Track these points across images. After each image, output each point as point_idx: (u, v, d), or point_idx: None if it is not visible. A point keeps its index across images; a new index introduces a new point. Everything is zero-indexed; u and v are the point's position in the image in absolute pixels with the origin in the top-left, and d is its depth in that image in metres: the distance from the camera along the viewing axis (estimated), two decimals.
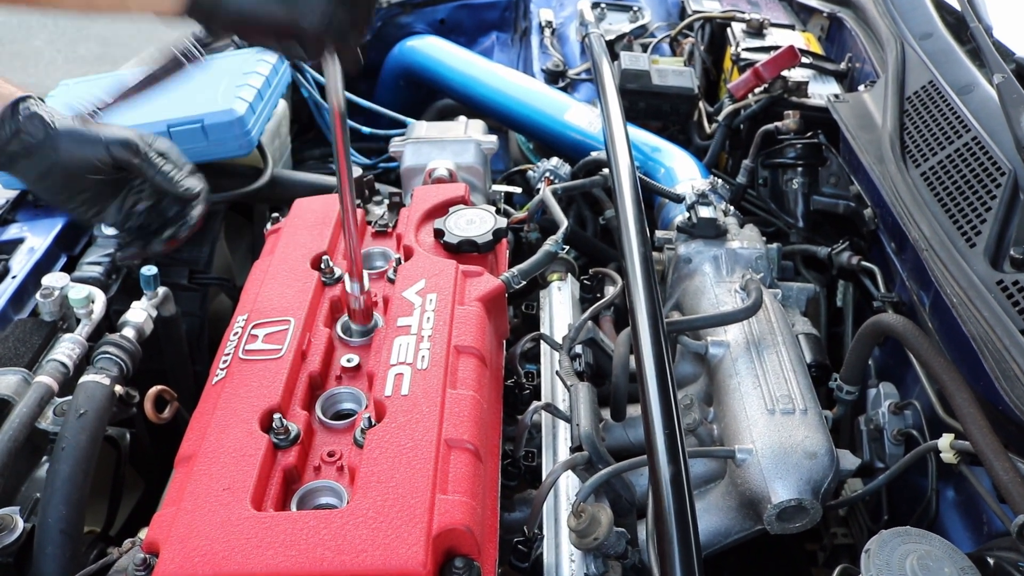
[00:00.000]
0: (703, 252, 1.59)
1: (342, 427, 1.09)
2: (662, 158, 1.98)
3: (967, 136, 1.57)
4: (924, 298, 1.47)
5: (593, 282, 1.61)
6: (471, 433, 1.03)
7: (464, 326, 1.18)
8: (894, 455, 1.43)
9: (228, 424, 1.04)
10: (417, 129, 1.83)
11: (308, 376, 1.14)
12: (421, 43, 2.67)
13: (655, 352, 1.05)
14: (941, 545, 1.00)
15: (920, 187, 1.58)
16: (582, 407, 1.21)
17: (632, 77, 2.17)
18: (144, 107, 1.20)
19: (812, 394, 1.30)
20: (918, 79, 1.81)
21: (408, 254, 1.34)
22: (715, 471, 1.32)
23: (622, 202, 1.32)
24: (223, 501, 0.94)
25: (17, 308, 1.50)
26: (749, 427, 1.25)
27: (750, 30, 2.37)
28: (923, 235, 1.46)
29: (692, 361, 1.50)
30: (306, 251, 1.34)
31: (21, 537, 1.10)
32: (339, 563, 0.87)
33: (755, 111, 2.09)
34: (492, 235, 1.35)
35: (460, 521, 0.92)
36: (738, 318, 1.38)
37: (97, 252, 1.65)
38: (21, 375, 1.28)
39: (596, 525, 1.07)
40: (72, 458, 1.14)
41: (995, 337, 1.22)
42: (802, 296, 1.68)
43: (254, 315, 1.21)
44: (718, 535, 1.27)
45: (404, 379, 1.08)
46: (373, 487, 0.94)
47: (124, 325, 1.38)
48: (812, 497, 1.19)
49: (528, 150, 2.34)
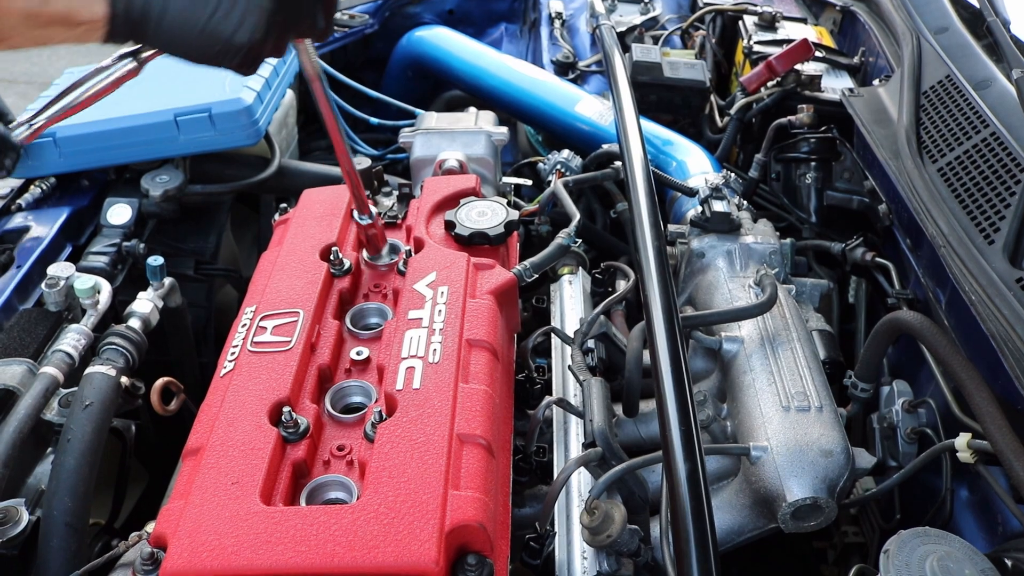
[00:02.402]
0: (717, 247, 1.57)
1: (352, 421, 1.07)
2: (674, 151, 1.97)
3: (985, 132, 1.55)
4: (940, 295, 1.46)
5: (605, 276, 1.60)
6: (483, 428, 1.01)
7: (476, 319, 1.16)
8: (907, 453, 1.42)
9: (236, 417, 1.02)
10: (427, 120, 1.82)
11: (317, 369, 1.12)
12: (429, 33, 2.65)
13: (670, 348, 1.04)
14: (961, 546, 0.99)
15: (937, 183, 1.56)
16: (595, 402, 1.19)
17: (644, 69, 2.15)
18: (151, 96, 1.19)
19: (827, 391, 1.29)
20: (934, 74, 1.78)
21: (419, 246, 1.32)
22: (728, 468, 1.30)
23: (635, 195, 1.30)
24: (232, 495, 0.93)
25: (22, 298, 1.49)
26: (764, 424, 1.23)
27: (762, 23, 2.35)
28: (940, 231, 1.44)
29: (705, 357, 1.48)
30: (315, 242, 1.32)
31: (26, 529, 1.09)
32: (350, 559, 0.85)
33: (768, 105, 2.07)
34: (504, 227, 1.33)
35: (473, 517, 0.90)
36: (752, 313, 1.37)
37: (103, 242, 1.64)
38: (26, 366, 1.26)
39: (609, 522, 1.06)
40: (78, 450, 1.13)
41: (1015, 335, 1.20)
42: (816, 292, 1.66)
43: (263, 307, 1.20)
44: (731, 533, 1.25)
45: (416, 373, 1.06)
46: (384, 482, 0.93)
47: (130, 316, 1.37)
48: (827, 496, 1.17)
49: (537, 142, 2.32)
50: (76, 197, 1.76)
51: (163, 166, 1.77)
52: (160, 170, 1.76)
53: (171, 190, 1.72)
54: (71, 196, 1.76)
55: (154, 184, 1.72)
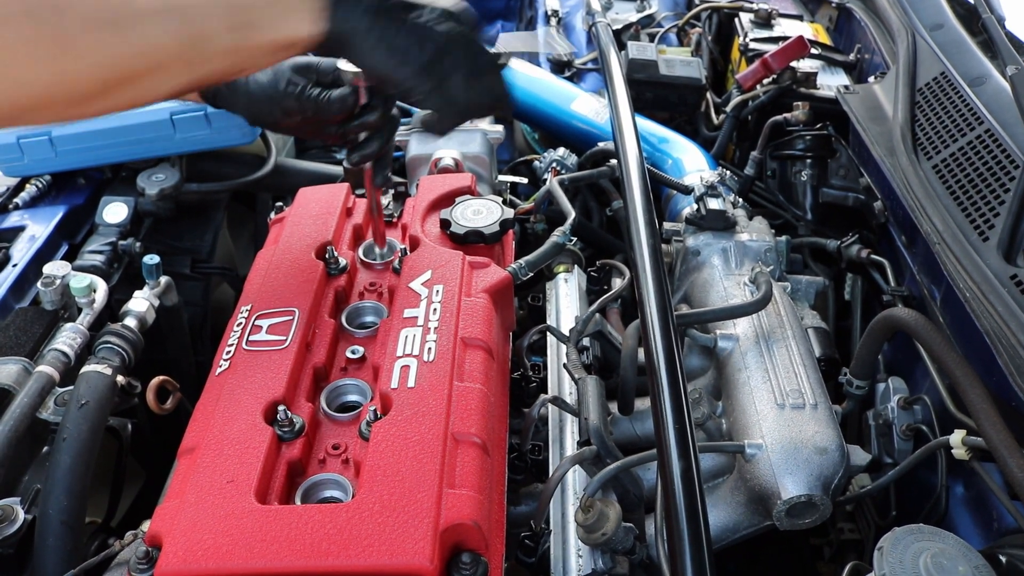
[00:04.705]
0: (712, 244, 1.58)
1: (347, 419, 1.07)
2: (670, 149, 1.96)
3: (980, 128, 1.55)
4: (935, 292, 1.46)
5: (600, 274, 1.60)
6: (478, 427, 1.01)
7: (471, 318, 1.16)
8: (903, 450, 1.42)
9: (232, 415, 1.02)
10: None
11: (313, 367, 1.12)
12: None
13: (665, 345, 1.04)
14: (955, 543, 0.99)
15: (932, 180, 1.56)
16: (590, 400, 1.20)
17: (639, 67, 2.15)
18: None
19: (822, 388, 1.29)
20: (929, 70, 1.79)
21: (414, 244, 1.32)
22: (723, 466, 1.30)
23: (631, 193, 1.30)
24: (227, 494, 0.93)
25: (18, 296, 1.48)
26: (759, 421, 1.23)
27: (758, 20, 2.35)
28: (935, 228, 1.44)
29: (700, 355, 1.48)
30: (311, 241, 1.32)
31: (22, 528, 1.09)
32: (345, 558, 0.85)
33: (763, 102, 2.07)
34: (499, 226, 1.33)
35: (468, 516, 0.90)
36: (748, 311, 1.37)
37: (98, 240, 1.63)
38: (22, 364, 1.26)
39: (604, 520, 1.06)
40: (73, 449, 1.13)
41: (1009, 332, 1.21)
42: (811, 289, 1.66)
43: (258, 305, 1.20)
44: (726, 530, 1.25)
45: (410, 371, 1.06)
46: (379, 481, 0.93)
47: (126, 314, 1.36)
48: (822, 493, 1.17)
49: (533, 140, 2.31)
50: (72, 195, 1.75)
51: (159, 164, 1.76)
52: (156, 169, 1.75)
53: (167, 189, 1.72)
54: (67, 194, 1.75)
55: (150, 183, 1.72)
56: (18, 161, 1.68)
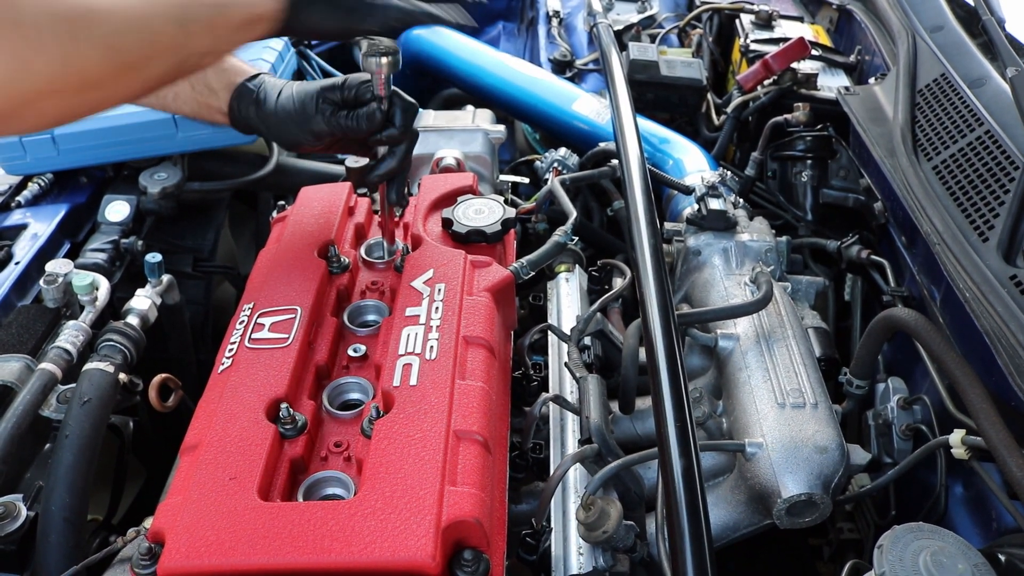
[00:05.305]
0: (713, 244, 1.58)
1: (349, 417, 1.07)
2: (670, 149, 1.97)
3: (980, 130, 1.55)
4: (935, 292, 1.46)
5: (601, 273, 1.60)
6: (480, 424, 1.02)
7: (473, 316, 1.17)
8: (902, 450, 1.42)
9: (234, 413, 1.03)
10: (424, 118, 1.82)
11: (315, 365, 1.13)
12: (427, 32, 2.65)
13: (666, 345, 1.04)
14: (954, 542, 0.99)
15: (932, 181, 1.56)
16: (592, 399, 1.20)
17: (640, 68, 2.16)
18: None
19: (823, 388, 1.29)
20: (930, 72, 1.79)
21: (416, 243, 1.32)
22: (724, 464, 1.31)
23: (632, 193, 1.30)
24: (229, 491, 0.93)
25: (20, 294, 1.49)
26: (759, 420, 1.24)
27: (759, 22, 2.35)
28: (935, 229, 1.45)
29: (701, 354, 1.49)
30: (313, 240, 1.32)
31: (24, 525, 1.09)
32: (347, 555, 0.86)
33: (764, 103, 2.07)
34: (501, 225, 1.33)
35: (469, 513, 0.91)
36: (748, 311, 1.37)
37: (101, 239, 1.64)
38: (24, 362, 1.27)
39: (605, 518, 1.06)
40: (75, 446, 1.13)
41: (1008, 333, 1.21)
42: (811, 289, 1.67)
43: (260, 304, 1.20)
44: (727, 529, 1.26)
45: (412, 369, 1.06)
46: (381, 478, 0.93)
47: (128, 312, 1.37)
48: (822, 492, 1.18)
49: (534, 140, 2.32)
50: (74, 194, 1.76)
51: (161, 163, 1.77)
52: (158, 167, 1.76)
53: (169, 187, 1.72)
54: (69, 193, 1.76)
55: (152, 181, 1.73)
56: (20, 159, 1.69)
